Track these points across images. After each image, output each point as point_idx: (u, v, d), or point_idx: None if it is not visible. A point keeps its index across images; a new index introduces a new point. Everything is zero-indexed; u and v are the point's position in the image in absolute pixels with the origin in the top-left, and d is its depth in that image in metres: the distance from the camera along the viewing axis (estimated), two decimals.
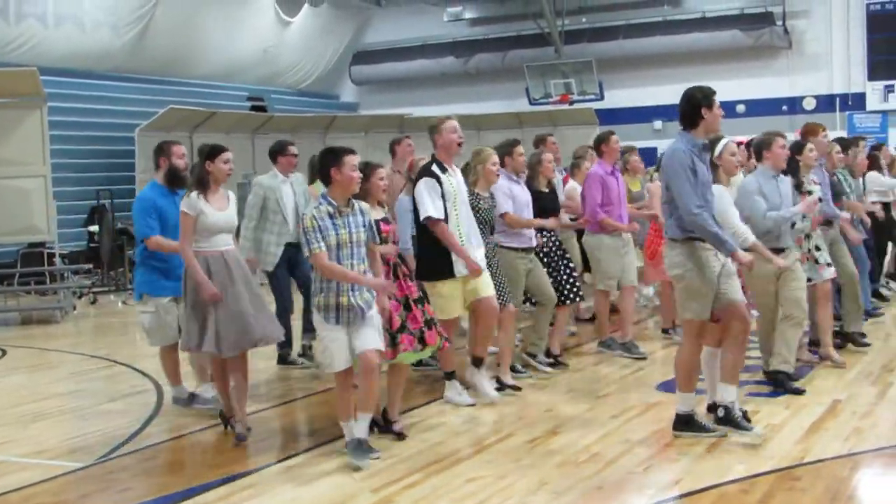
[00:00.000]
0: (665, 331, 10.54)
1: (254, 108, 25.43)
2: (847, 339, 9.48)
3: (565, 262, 9.26)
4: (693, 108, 6.71)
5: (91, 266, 17.75)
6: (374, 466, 6.31)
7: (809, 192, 8.37)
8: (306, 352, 9.66)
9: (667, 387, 8.22)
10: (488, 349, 8.24)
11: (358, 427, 6.40)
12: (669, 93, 24.89)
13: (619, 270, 9.64)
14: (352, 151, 6.42)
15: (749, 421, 6.68)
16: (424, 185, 7.57)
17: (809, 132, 9.46)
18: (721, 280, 6.55)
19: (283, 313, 8.96)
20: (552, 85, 25.79)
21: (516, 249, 8.68)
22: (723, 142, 7.47)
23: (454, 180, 7.71)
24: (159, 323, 7.67)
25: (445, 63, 27.74)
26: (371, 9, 28.70)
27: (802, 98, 24.55)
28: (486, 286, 7.77)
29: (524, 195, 8.79)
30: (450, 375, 7.91)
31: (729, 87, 24.51)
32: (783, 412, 7.31)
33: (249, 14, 25.13)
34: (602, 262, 9.64)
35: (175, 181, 7.74)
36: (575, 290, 9.22)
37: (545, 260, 9.06)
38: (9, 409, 8.39)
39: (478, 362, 8.04)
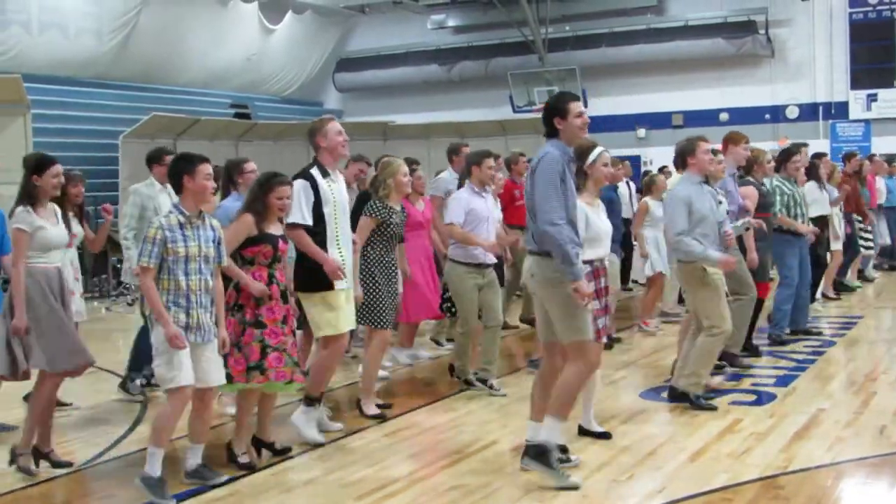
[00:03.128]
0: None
1: (237, 116, 25.41)
2: (729, 358, 9.02)
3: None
4: (546, 117, 6.04)
5: None
6: (356, 474, 6.30)
7: (720, 203, 8.24)
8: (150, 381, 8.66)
9: (650, 395, 8.25)
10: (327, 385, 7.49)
11: (196, 456, 6.12)
12: (653, 101, 25.23)
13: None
14: (206, 159, 6.04)
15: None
16: (297, 186, 6.90)
17: (730, 141, 9.19)
18: None
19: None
20: (535, 92, 25.83)
21: (466, 264, 8.36)
22: (597, 150, 6.74)
23: (336, 186, 7.10)
24: None
25: (429, 70, 27.79)
26: (355, 16, 28.70)
27: (785, 107, 24.68)
28: (348, 319, 7.12)
29: (485, 209, 8.37)
30: (312, 401, 7.13)
31: (712, 95, 24.72)
32: (767, 421, 7.33)
33: (233, 21, 25.14)
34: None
35: None
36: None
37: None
38: None
39: (312, 401, 7.16)
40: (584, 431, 6.85)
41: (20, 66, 18.83)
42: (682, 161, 7.92)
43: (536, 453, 5.93)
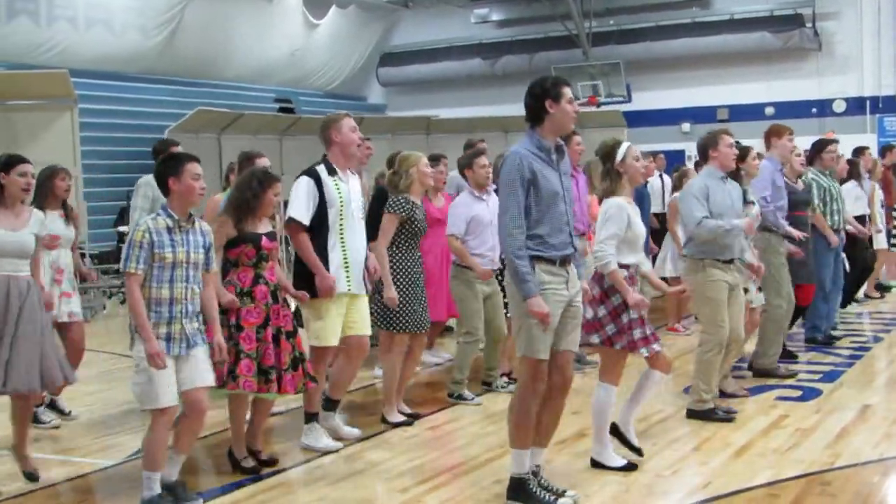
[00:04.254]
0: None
1: (282, 110, 25.53)
2: (762, 373, 8.66)
3: None
4: (536, 99, 5.45)
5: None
6: (401, 467, 6.33)
7: (753, 203, 7.94)
8: None
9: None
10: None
11: (173, 469, 5.70)
12: (698, 95, 25.07)
13: None
14: (194, 158, 5.63)
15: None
16: (299, 184, 6.61)
17: (773, 134, 8.74)
18: (564, 317, 5.48)
19: None
20: (579, 87, 25.69)
21: (472, 271, 7.92)
22: (624, 146, 6.33)
23: (346, 187, 6.71)
24: None
25: (472, 65, 27.75)
26: (398, 10, 28.75)
27: (832, 101, 24.37)
28: (363, 323, 6.85)
29: (487, 214, 7.87)
30: (311, 417, 6.83)
31: (758, 89, 24.49)
32: (813, 416, 7.27)
33: (277, 16, 25.27)
34: None
35: None
36: None
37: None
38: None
39: (332, 405, 7.05)
40: (616, 432, 6.38)
41: (67, 62, 19.05)
42: (703, 154, 7.46)
43: (513, 489, 5.50)
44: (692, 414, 7.32)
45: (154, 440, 5.50)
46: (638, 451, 6.34)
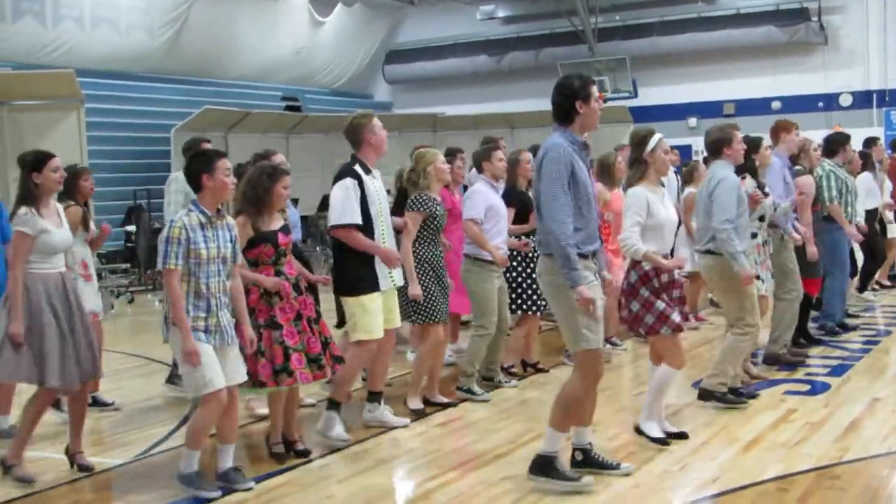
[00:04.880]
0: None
1: (288, 108, 25.57)
2: (771, 359, 8.73)
3: (533, 269, 8.29)
4: (566, 99, 5.61)
5: (128, 265, 17.92)
6: (411, 463, 6.34)
7: (767, 194, 8.05)
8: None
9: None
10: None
11: (226, 457, 5.91)
12: (704, 90, 25.05)
13: None
14: (223, 155, 5.83)
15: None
16: (343, 187, 6.72)
17: (781, 129, 8.85)
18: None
19: None
20: None
21: (487, 262, 7.95)
22: (656, 137, 6.51)
23: (378, 184, 6.90)
24: None
25: (478, 62, 27.76)
26: (404, 8, 28.75)
27: (839, 94, 24.34)
28: (395, 318, 7.08)
29: (502, 207, 8.08)
30: (336, 405, 6.92)
31: (764, 83, 24.45)
32: (822, 410, 7.26)
33: (283, 14, 25.32)
34: None
35: None
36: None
37: (509, 269, 8.38)
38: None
39: (378, 397, 7.26)
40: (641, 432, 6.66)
41: (73, 61, 19.12)
42: (715, 150, 7.47)
43: (540, 465, 5.65)
44: (704, 394, 7.42)
45: (202, 421, 5.70)
46: (682, 436, 6.60)
